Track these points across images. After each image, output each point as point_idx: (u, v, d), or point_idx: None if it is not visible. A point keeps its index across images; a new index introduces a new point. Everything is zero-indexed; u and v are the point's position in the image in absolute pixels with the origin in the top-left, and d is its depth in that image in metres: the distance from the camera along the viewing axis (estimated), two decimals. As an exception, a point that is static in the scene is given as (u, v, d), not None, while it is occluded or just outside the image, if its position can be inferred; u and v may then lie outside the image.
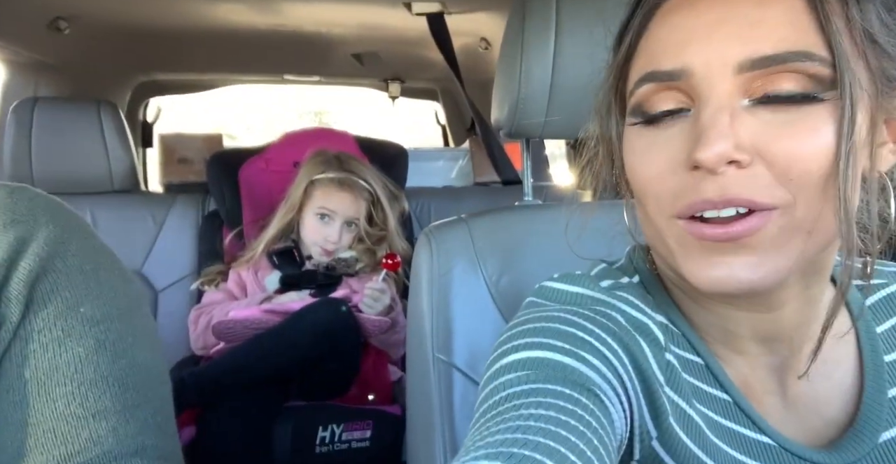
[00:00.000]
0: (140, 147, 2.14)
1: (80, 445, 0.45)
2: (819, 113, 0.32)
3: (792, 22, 0.32)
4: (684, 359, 0.40)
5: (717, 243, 0.33)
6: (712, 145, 0.32)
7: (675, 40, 0.35)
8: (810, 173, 0.32)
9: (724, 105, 0.33)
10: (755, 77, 0.32)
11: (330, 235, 1.32)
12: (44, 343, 0.46)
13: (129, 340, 0.50)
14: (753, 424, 0.38)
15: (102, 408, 0.46)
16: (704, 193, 0.33)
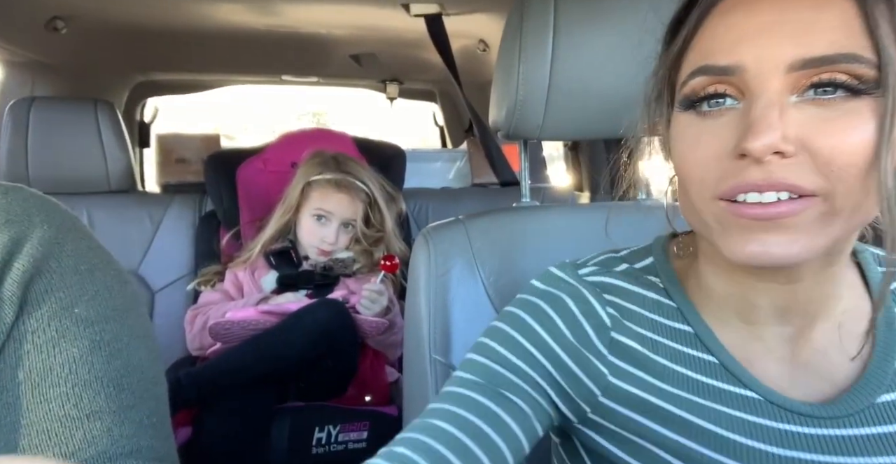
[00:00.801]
0: (137, 147, 2.13)
1: (75, 446, 0.45)
2: (862, 110, 0.35)
3: (843, 26, 0.34)
4: (672, 328, 0.46)
5: (756, 222, 0.36)
6: (762, 137, 0.34)
7: (731, 38, 0.37)
8: (851, 166, 0.35)
9: (774, 100, 0.36)
10: (804, 76, 0.35)
11: (327, 236, 1.32)
12: (38, 344, 0.46)
13: (124, 340, 0.50)
14: (739, 381, 0.43)
15: (97, 409, 0.46)
16: (750, 177, 0.36)
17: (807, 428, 0.41)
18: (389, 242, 1.39)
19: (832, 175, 0.35)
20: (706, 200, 0.39)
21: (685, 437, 0.42)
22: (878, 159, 0.34)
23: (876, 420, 0.40)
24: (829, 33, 0.35)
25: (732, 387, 0.43)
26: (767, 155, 0.35)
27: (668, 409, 0.43)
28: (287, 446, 1.11)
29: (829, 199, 0.36)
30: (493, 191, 1.85)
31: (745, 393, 0.42)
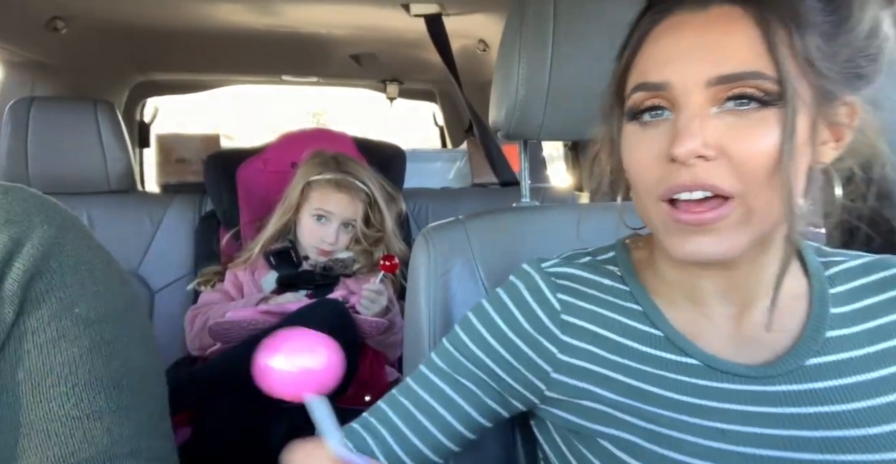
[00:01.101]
0: (137, 147, 2.13)
1: (75, 445, 0.45)
2: (769, 119, 0.42)
3: (749, 48, 0.42)
4: (623, 308, 0.53)
5: (690, 226, 0.44)
6: (686, 143, 0.42)
7: (661, 59, 0.45)
8: (760, 167, 0.42)
9: (696, 112, 0.43)
10: (721, 90, 0.42)
11: (327, 236, 1.32)
12: (38, 344, 0.46)
13: (123, 341, 0.50)
14: (682, 350, 0.49)
15: (97, 409, 0.46)
16: (679, 179, 0.43)
17: (741, 386, 0.47)
18: (389, 242, 1.39)
19: (745, 177, 0.42)
20: (652, 202, 0.46)
21: (633, 399, 0.49)
22: (781, 161, 0.41)
23: (803, 379, 0.47)
24: (738, 55, 0.42)
25: (675, 356, 0.50)
26: (691, 159, 0.42)
27: (617, 377, 0.50)
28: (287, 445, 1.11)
29: (745, 199, 0.42)
30: (493, 191, 1.85)
31: (687, 360, 0.49)
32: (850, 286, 0.51)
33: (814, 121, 0.43)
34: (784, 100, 0.41)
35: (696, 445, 0.46)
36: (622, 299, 0.53)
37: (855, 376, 0.46)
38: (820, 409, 0.45)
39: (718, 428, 0.46)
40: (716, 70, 0.42)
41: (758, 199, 0.42)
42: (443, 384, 0.55)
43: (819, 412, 0.45)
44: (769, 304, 0.48)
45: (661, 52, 0.45)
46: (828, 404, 0.45)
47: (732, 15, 0.43)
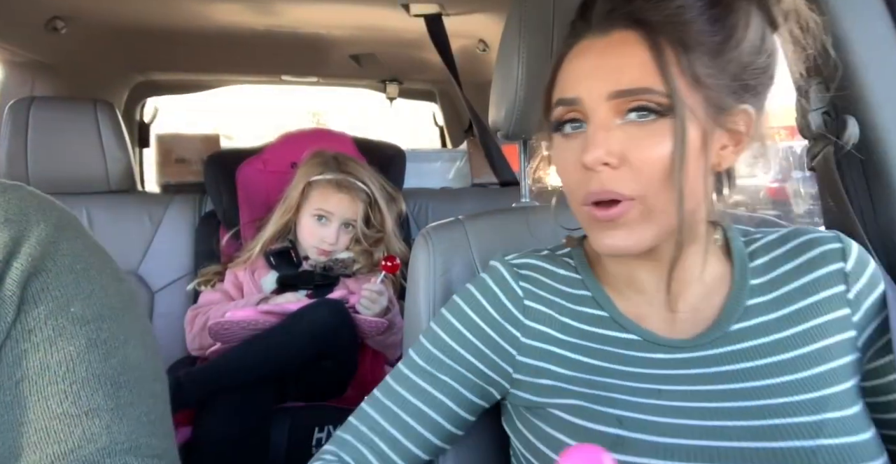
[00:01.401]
0: (137, 147, 2.13)
1: (74, 443, 0.45)
2: (663, 130, 0.48)
3: (641, 67, 0.48)
4: (574, 294, 0.60)
5: (603, 222, 0.51)
6: (592, 152, 0.49)
7: (573, 77, 0.52)
8: (655, 171, 0.48)
9: (601, 124, 0.49)
10: (620, 103, 0.49)
11: (327, 236, 1.32)
12: (35, 343, 0.46)
13: (120, 338, 0.50)
14: (623, 328, 0.56)
15: (95, 406, 0.46)
16: (590, 186, 0.50)
17: (675, 354, 0.54)
18: (390, 242, 1.39)
19: (643, 181, 0.48)
20: (577, 206, 0.53)
21: (583, 373, 0.55)
22: (673, 166, 0.47)
23: (728, 342, 0.54)
24: (632, 73, 0.48)
25: (618, 333, 0.56)
26: (598, 166, 0.49)
27: (570, 355, 0.56)
28: (287, 446, 1.11)
29: (644, 201, 0.49)
30: (493, 191, 1.85)
31: (628, 336, 0.56)
32: (768, 258, 0.57)
33: (708, 129, 0.49)
34: (674, 112, 0.47)
35: (636, 402, 0.52)
36: (574, 288, 0.60)
37: (772, 334, 0.53)
38: (743, 365, 0.52)
39: (655, 389, 0.52)
40: (614, 86, 0.49)
41: (657, 199, 0.49)
42: (424, 383, 0.58)
43: (743, 368, 0.52)
44: (699, 288, 0.56)
45: (573, 71, 0.52)
46: (749, 361, 0.52)
47: (629, 39, 0.49)
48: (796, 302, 0.54)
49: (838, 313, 0.53)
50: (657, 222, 0.50)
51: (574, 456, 0.33)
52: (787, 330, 0.53)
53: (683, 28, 0.48)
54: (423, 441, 0.57)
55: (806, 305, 0.54)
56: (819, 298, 0.54)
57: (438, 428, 0.58)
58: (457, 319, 0.60)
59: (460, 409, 0.58)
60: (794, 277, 0.55)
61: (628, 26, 0.50)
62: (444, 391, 0.58)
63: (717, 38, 0.48)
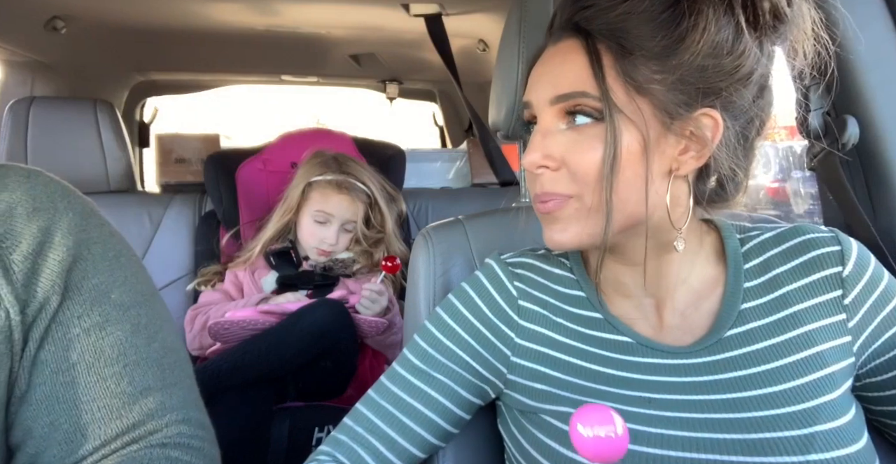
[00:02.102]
0: (137, 147, 2.13)
1: (135, 418, 0.49)
2: (599, 134, 0.49)
3: (578, 73, 0.50)
4: (569, 295, 0.59)
5: (545, 216, 0.53)
6: (528, 155, 0.51)
7: (530, 83, 0.55)
8: (590, 174, 0.49)
9: (542, 128, 0.52)
10: (561, 108, 0.51)
11: (327, 237, 1.32)
12: (86, 328, 0.49)
13: (157, 323, 0.54)
14: (617, 330, 0.56)
15: (148, 386, 0.50)
16: (534, 188, 0.53)
17: (667, 360, 0.53)
18: (390, 243, 1.39)
19: (580, 182, 0.50)
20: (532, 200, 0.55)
21: (574, 376, 0.55)
22: (606, 169, 0.48)
23: (721, 349, 0.53)
24: (570, 78, 0.50)
25: (612, 335, 0.56)
26: (535, 169, 0.51)
27: (563, 358, 0.56)
28: (287, 446, 1.11)
29: (581, 199, 0.50)
30: (493, 191, 1.85)
31: (622, 339, 0.55)
32: (762, 258, 0.56)
33: (652, 135, 0.49)
34: (605, 117, 0.48)
35: (627, 412, 0.51)
36: (569, 288, 0.60)
37: (765, 340, 0.52)
38: (736, 374, 0.51)
39: (646, 397, 0.52)
40: (554, 91, 0.51)
41: (593, 199, 0.50)
42: (419, 382, 0.58)
43: (735, 377, 0.51)
44: (685, 294, 0.56)
45: (532, 77, 0.55)
46: (742, 369, 0.51)
47: (572, 46, 0.51)
48: (791, 306, 0.53)
49: (833, 319, 0.52)
50: (595, 221, 0.50)
51: (587, 414, 0.37)
52: (780, 335, 0.52)
53: (624, 34, 0.48)
54: (419, 440, 0.57)
55: (801, 310, 0.53)
56: (814, 302, 0.53)
57: (434, 426, 0.58)
58: (451, 318, 0.59)
59: (456, 407, 0.58)
60: (790, 279, 0.54)
61: (574, 35, 0.51)
62: (439, 390, 0.57)
63: (665, 41, 0.47)
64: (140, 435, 0.49)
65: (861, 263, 0.53)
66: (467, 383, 0.58)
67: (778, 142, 3.20)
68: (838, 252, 0.53)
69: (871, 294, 0.53)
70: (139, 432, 0.49)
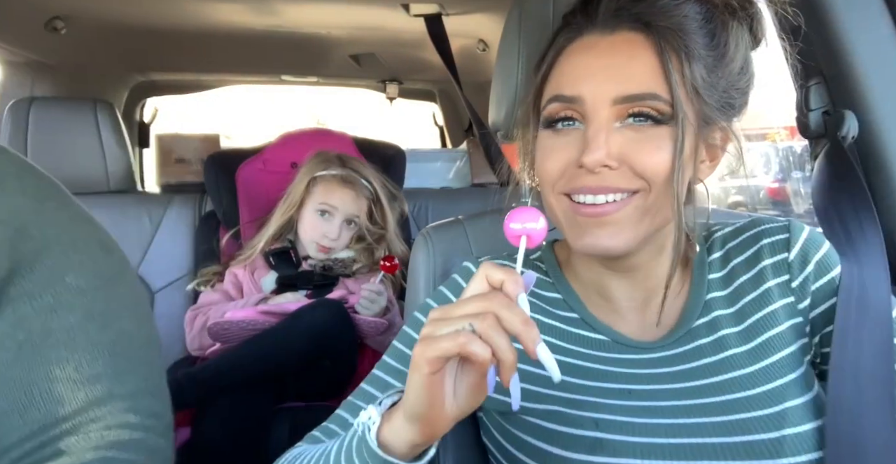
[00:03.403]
0: (137, 147, 2.13)
1: (78, 405, 0.47)
2: (663, 136, 0.48)
3: (649, 72, 0.48)
4: (546, 296, 0.60)
5: (589, 219, 0.50)
6: (594, 154, 0.48)
7: (574, 75, 0.51)
8: (657, 175, 0.48)
9: (603, 126, 0.49)
10: (624, 108, 0.49)
11: (329, 231, 1.32)
12: (36, 308, 0.48)
13: (114, 309, 0.52)
14: (593, 328, 0.57)
15: (95, 373, 0.49)
16: (585, 181, 0.50)
17: (642, 355, 0.55)
18: (391, 242, 1.39)
19: (646, 179, 0.49)
20: (555, 196, 0.52)
21: None
22: (674, 172, 0.48)
23: (692, 339, 0.55)
24: (640, 77, 0.48)
25: (588, 333, 0.57)
26: (597, 168, 0.49)
27: None
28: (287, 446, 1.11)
29: (644, 195, 0.49)
30: (493, 191, 1.84)
31: (598, 336, 0.57)
32: (724, 251, 0.59)
33: (696, 141, 0.50)
34: (675, 120, 0.48)
35: (609, 404, 0.52)
36: (545, 290, 0.60)
37: (729, 328, 0.54)
38: (705, 361, 0.53)
39: (626, 389, 0.53)
40: (621, 89, 0.48)
41: (656, 197, 0.49)
42: (398, 383, 0.57)
43: (704, 364, 0.53)
44: (669, 296, 0.56)
45: (575, 68, 0.51)
46: (710, 356, 0.53)
47: (636, 41, 0.49)
48: (748, 294, 0.55)
49: (784, 301, 0.54)
50: (645, 224, 0.50)
51: (517, 215, 0.44)
52: (741, 323, 0.54)
53: (688, 37, 0.48)
54: None
55: (756, 297, 0.55)
56: (766, 287, 0.55)
57: None
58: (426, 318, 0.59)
59: None
60: (745, 269, 0.56)
61: (634, 28, 0.49)
62: None
63: (714, 52, 0.49)
64: (80, 423, 0.47)
65: (808, 248, 0.55)
66: None
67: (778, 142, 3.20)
68: (785, 239, 0.55)
69: (819, 279, 0.54)
70: (80, 421, 0.47)
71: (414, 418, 0.40)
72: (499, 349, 0.37)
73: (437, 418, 0.40)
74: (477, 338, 0.37)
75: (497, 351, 0.37)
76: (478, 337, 0.37)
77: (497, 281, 0.40)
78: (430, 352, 0.37)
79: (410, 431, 0.41)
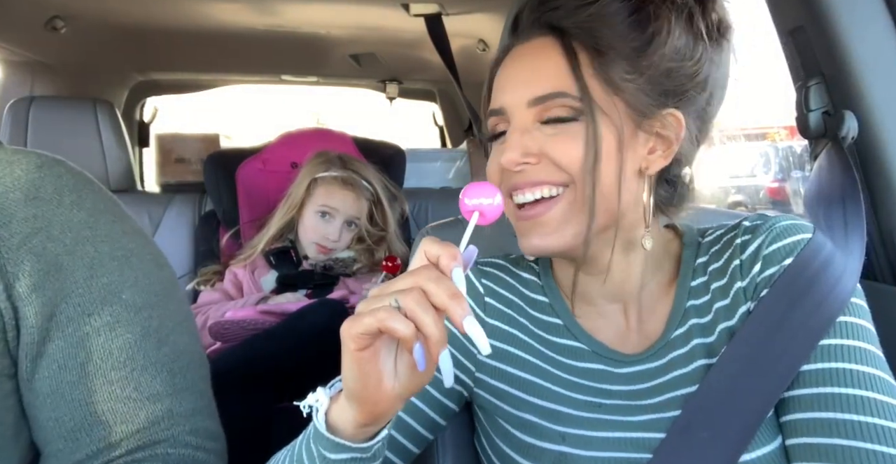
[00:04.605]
0: (137, 147, 2.13)
1: (140, 424, 0.49)
2: (577, 132, 0.49)
3: (556, 73, 0.50)
4: (533, 299, 0.60)
5: (524, 222, 0.52)
6: (507, 154, 0.51)
7: (498, 87, 0.54)
8: (573, 164, 0.49)
9: (517, 127, 0.51)
10: (539, 110, 0.51)
11: (330, 233, 1.31)
12: (96, 328, 0.48)
13: (169, 326, 0.53)
14: (574, 336, 0.57)
15: (155, 392, 0.50)
16: (515, 179, 0.52)
17: (619, 369, 0.54)
18: (392, 242, 1.39)
19: (566, 171, 0.50)
20: (505, 200, 0.52)
21: (534, 375, 0.55)
22: (588, 165, 0.49)
23: (668, 351, 0.54)
24: (547, 79, 0.50)
25: (569, 341, 0.57)
26: (514, 167, 0.51)
27: (524, 357, 0.57)
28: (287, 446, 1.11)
29: (572, 190, 0.50)
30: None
31: (578, 345, 0.56)
32: (707, 255, 0.57)
33: (626, 133, 0.50)
34: (586, 114, 0.49)
35: (578, 417, 0.52)
36: (534, 292, 0.60)
37: (700, 338, 0.53)
38: (677, 373, 0.52)
39: (595, 402, 0.53)
40: (531, 92, 0.50)
41: (583, 189, 0.49)
42: None
43: (676, 376, 0.52)
44: (648, 299, 0.56)
45: (499, 81, 0.54)
46: (682, 367, 0.52)
47: (546, 44, 0.51)
48: (719, 301, 0.53)
49: (743, 308, 0.51)
50: (577, 222, 0.50)
51: (473, 190, 0.44)
52: (712, 334, 0.52)
53: (598, 33, 0.49)
54: (402, 451, 0.56)
55: (726, 305, 0.53)
56: (734, 292, 0.52)
57: (417, 435, 0.57)
58: None
59: (434, 413, 0.57)
60: (720, 274, 0.54)
61: (546, 33, 0.51)
62: (419, 396, 0.57)
63: (635, 43, 0.49)
64: (144, 443, 0.48)
65: (763, 242, 0.52)
66: (439, 385, 0.57)
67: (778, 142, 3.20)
68: (749, 238, 0.53)
69: (764, 270, 0.51)
70: (143, 440, 0.48)
71: (352, 398, 0.39)
72: (422, 324, 0.36)
73: (377, 397, 0.39)
74: (397, 313, 0.36)
75: (420, 326, 0.36)
76: (400, 313, 0.36)
77: (433, 256, 0.39)
78: (353, 328, 0.36)
79: (351, 410, 0.40)
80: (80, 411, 0.47)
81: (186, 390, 0.52)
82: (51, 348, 0.47)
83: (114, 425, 0.47)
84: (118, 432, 0.47)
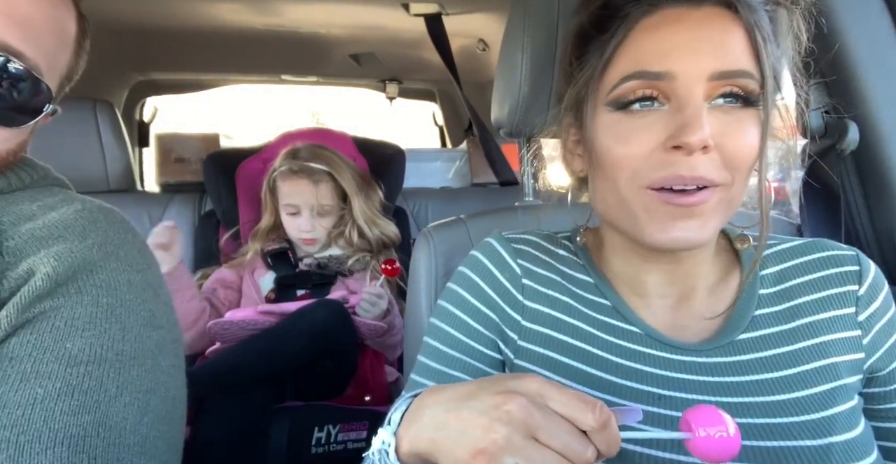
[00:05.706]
0: (137, 147, 2.13)
1: None
2: (751, 119, 0.45)
3: (743, 48, 0.45)
4: (575, 277, 0.56)
5: (678, 209, 0.45)
6: (698, 132, 0.43)
7: (661, 49, 0.45)
8: (744, 162, 0.45)
9: (700, 103, 0.44)
10: (718, 85, 0.44)
11: (301, 225, 1.32)
12: (8, 373, 0.38)
13: (110, 392, 0.41)
14: (626, 319, 0.53)
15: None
16: (679, 170, 0.44)
17: (678, 356, 0.51)
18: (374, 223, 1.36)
19: (732, 169, 0.45)
20: (636, 190, 0.47)
21: (582, 363, 0.52)
22: (760, 158, 0.46)
23: (732, 352, 0.51)
24: (735, 53, 0.44)
25: (621, 323, 0.53)
26: (700, 147, 0.43)
27: (570, 341, 0.53)
28: (286, 445, 1.11)
29: (727, 188, 0.46)
30: (493, 190, 1.85)
31: (631, 328, 0.53)
32: (780, 268, 0.55)
33: None
34: (763, 101, 0.45)
35: None
36: (575, 271, 0.57)
37: (779, 347, 0.51)
38: (748, 378, 0.50)
39: (655, 393, 0.49)
40: (718, 64, 0.44)
41: (737, 188, 0.46)
42: (430, 382, 0.54)
43: (747, 381, 0.49)
44: (705, 294, 0.53)
45: (661, 42, 0.45)
46: (754, 374, 0.50)
47: (725, 16, 0.45)
48: (805, 316, 0.52)
49: (848, 334, 0.52)
50: (727, 213, 0.47)
51: (697, 414, 0.36)
52: (794, 344, 0.51)
53: (769, 16, 0.46)
54: None
55: (815, 321, 0.52)
56: (829, 315, 0.52)
57: None
58: (455, 307, 0.55)
59: None
60: (807, 291, 0.53)
61: (720, 3, 0.45)
62: None
63: (775, 36, 0.47)
64: None
65: (876, 285, 0.53)
66: (483, 374, 0.54)
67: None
68: (857, 272, 0.53)
69: (882, 317, 0.53)
70: None
71: None
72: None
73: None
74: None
75: None
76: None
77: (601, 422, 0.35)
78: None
79: None
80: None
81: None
82: None
83: None
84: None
